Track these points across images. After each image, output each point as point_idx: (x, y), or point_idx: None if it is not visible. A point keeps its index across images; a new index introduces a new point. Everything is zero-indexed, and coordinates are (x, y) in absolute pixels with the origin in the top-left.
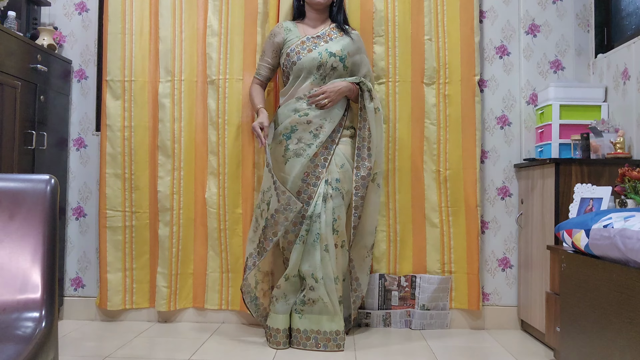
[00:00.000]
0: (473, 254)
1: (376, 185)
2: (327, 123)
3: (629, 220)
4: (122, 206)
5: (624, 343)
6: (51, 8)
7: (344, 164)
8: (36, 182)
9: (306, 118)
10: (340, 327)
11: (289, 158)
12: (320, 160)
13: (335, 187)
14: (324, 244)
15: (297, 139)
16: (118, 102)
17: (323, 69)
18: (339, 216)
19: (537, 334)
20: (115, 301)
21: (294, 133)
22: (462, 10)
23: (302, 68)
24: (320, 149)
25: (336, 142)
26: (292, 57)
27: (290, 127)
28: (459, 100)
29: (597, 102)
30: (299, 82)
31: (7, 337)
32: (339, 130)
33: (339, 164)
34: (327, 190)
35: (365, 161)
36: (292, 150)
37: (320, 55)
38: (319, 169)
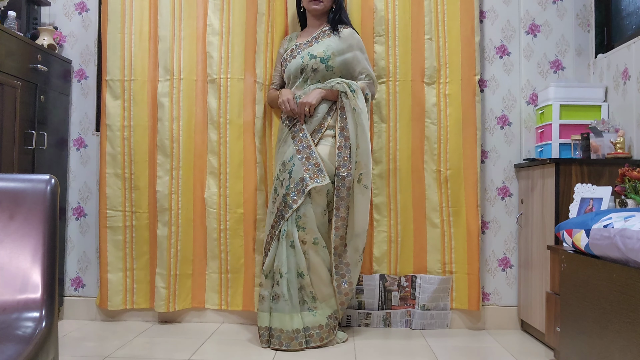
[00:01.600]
0: (473, 254)
1: (362, 186)
2: (315, 117)
3: (629, 220)
4: (122, 206)
5: (624, 343)
6: (51, 8)
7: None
8: (36, 182)
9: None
10: (300, 326)
11: (292, 157)
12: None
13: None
14: (290, 239)
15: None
16: (117, 102)
17: (305, 72)
18: (304, 214)
19: (537, 334)
20: (116, 301)
21: (292, 136)
22: (462, 10)
23: (289, 74)
24: (301, 148)
25: (316, 143)
26: (284, 65)
27: (288, 130)
28: (459, 100)
29: (597, 102)
30: (290, 86)
31: (7, 337)
32: (319, 131)
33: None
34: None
35: (346, 161)
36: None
37: (302, 59)
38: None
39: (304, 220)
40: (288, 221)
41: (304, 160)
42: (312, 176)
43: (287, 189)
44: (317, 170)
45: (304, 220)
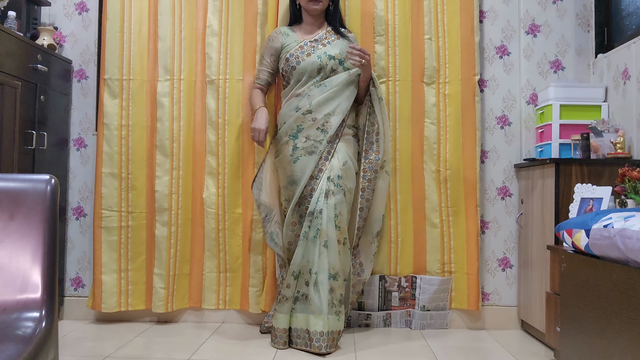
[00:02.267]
0: (473, 254)
1: (384, 172)
2: (333, 117)
3: (629, 220)
4: (118, 206)
5: (624, 343)
6: (51, 8)
7: (347, 161)
8: (36, 182)
9: (311, 116)
10: (324, 329)
11: (300, 156)
12: (324, 154)
13: (337, 183)
14: (323, 239)
15: (305, 137)
16: (116, 101)
17: (324, 72)
18: (340, 212)
19: (537, 334)
20: (110, 303)
21: (300, 132)
22: (462, 10)
23: (303, 72)
24: (328, 141)
25: (339, 137)
26: (291, 61)
27: (296, 126)
28: (459, 100)
29: (597, 102)
30: (300, 84)
31: (7, 337)
32: (343, 126)
33: (341, 160)
34: (329, 186)
35: (373, 145)
36: (302, 148)
37: (320, 58)
38: (322, 161)
39: (340, 219)
40: (323, 219)
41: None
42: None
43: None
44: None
45: (340, 219)
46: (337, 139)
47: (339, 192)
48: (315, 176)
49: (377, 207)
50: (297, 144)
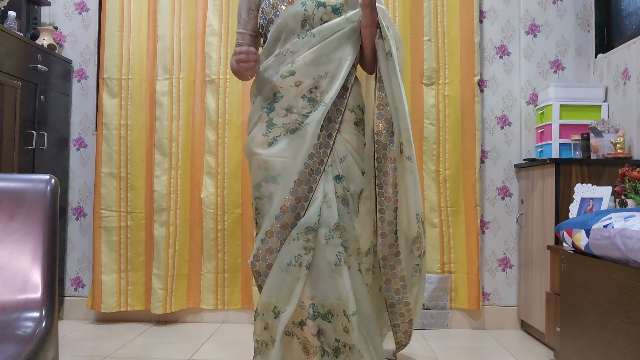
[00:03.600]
0: (473, 254)
1: (405, 159)
2: (326, 81)
3: (629, 220)
4: (117, 206)
5: (624, 343)
6: (51, 8)
7: (346, 156)
8: (36, 182)
9: (293, 79)
10: None
11: (277, 137)
12: (324, 137)
13: (345, 187)
14: (353, 264)
15: (285, 108)
16: (115, 100)
17: (309, 26)
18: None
19: (537, 334)
20: (110, 303)
21: (278, 102)
22: (462, 11)
23: (282, 26)
24: (324, 123)
25: (341, 113)
26: (267, 12)
27: (273, 94)
28: (458, 101)
29: (597, 102)
30: (280, 43)
31: (7, 337)
32: (344, 100)
33: (340, 155)
34: (339, 189)
35: (388, 124)
36: (282, 125)
37: (304, 6)
38: (323, 150)
39: (346, 237)
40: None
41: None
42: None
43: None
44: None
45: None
46: (339, 115)
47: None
48: (315, 170)
49: (408, 204)
50: (274, 119)
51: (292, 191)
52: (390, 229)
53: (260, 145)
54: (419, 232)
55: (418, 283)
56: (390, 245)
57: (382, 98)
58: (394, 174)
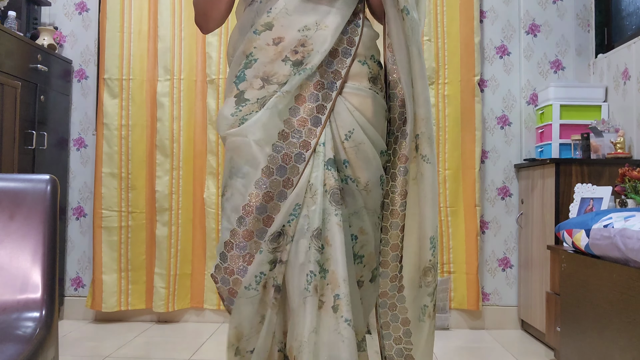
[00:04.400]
0: (472, 254)
1: (421, 158)
2: (317, 34)
3: (629, 220)
4: (118, 206)
5: (624, 343)
6: (51, 8)
7: (353, 130)
8: (36, 182)
9: (270, 34)
10: None
11: (248, 115)
12: (309, 111)
13: (344, 176)
14: (328, 296)
15: (262, 77)
16: (115, 101)
17: None
18: (361, 229)
19: (537, 334)
20: (110, 303)
21: (250, 68)
22: (462, 11)
23: None
24: (310, 87)
25: (342, 79)
26: None
27: (245, 58)
28: (458, 101)
29: (597, 102)
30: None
31: (7, 337)
32: (347, 58)
33: (343, 128)
34: (329, 179)
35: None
36: (255, 101)
37: None
38: (308, 128)
39: (364, 243)
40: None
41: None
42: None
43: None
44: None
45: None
46: (339, 77)
47: (350, 192)
48: (294, 156)
49: (421, 223)
50: (245, 92)
51: (258, 184)
52: (394, 255)
53: (229, 128)
54: (432, 262)
55: (427, 330)
56: (393, 277)
57: (394, 73)
58: (404, 178)
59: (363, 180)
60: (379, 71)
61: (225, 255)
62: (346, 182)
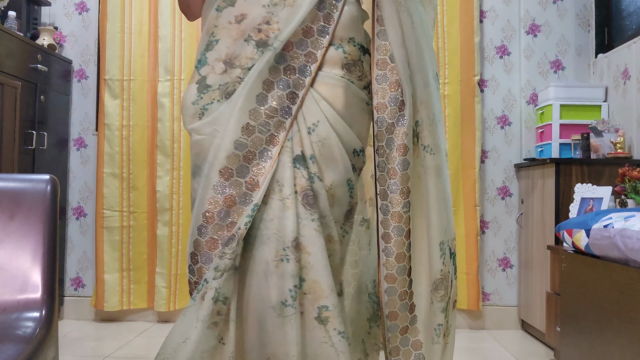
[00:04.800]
0: (472, 254)
1: (423, 149)
2: (284, 10)
3: (629, 220)
4: (119, 206)
5: (624, 343)
6: (51, 8)
7: (318, 122)
8: (36, 182)
9: (232, 11)
10: None
11: (209, 106)
12: (279, 98)
13: (311, 174)
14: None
15: (224, 60)
16: (116, 101)
17: None
18: (329, 237)
19: (538, 334)
20: (113, 302)
21: (210, 50)
22: (462, 11)
23: None
24: (280, 72)
25: (320, 52)
26: None
27: (207, 39)
28: (458, 100)
29: (597, 102)
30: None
31: (7, 337)
32: (324, 32)
33: (309, 120)
34: (299, 179)
35: (394, 92)
36: (217, 87)
37: None
38: (277, 119)
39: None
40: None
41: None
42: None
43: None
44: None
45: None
46: (314, 60)
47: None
48: (259, 152)
49: (429, 226)
50: (207, 77)
51: (217, 187)
52: (400, 267)
53: (191, 119)
54: (444, 272)
55: (443, 351)
56: (402, 294)
57: (384, 50)
58: (404, 173)
59: (327, 181)
60: (360, 57)
61: (193, 268)
62: (313, 181)
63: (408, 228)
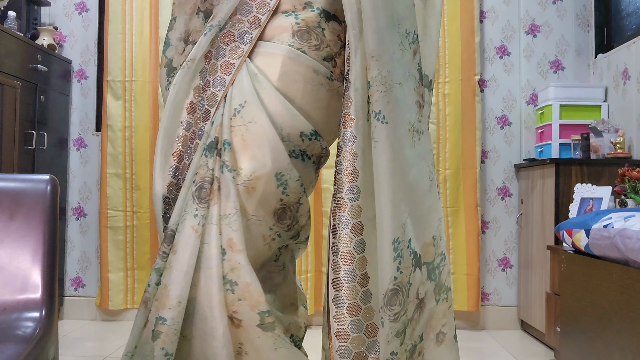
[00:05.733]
0: (473, 255)
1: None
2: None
3: (629, 220)
4: (123, 206)
5: (624, 343)
6: (51, 8)
7: (245, 102)
8: (36, 182)
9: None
10: None
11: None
12: (213, 69)
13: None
14: (160, 314)
15: (183, 38)
16: (119, 102)
17: None
18: (230, 242)
19: (537, 334)
20: (117, 301)
21: (172, 29)
22: (462, 11)
23: None
24: (218, 39)
25: (260, 23)
26: None
27: (170, 18)
28: (459, 100)
29: (597, 102)
30: None
31: (7, 337)
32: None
33: (234, 101)
34: (201, 168)
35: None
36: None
37: None
38: (211, 92)
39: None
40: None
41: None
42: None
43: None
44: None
45: (234, 261)
46: (249, 33)
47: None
48: (195, 132)
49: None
50: (173, 60)
51: (171, 170)
52: (347, 270)
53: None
54: (399, 281)
55: None
56: (352, 307)
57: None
58: (351, 149)
59: (245, 172)
60: (320, 23)
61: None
62: (222, 172)
63: (357, 221)
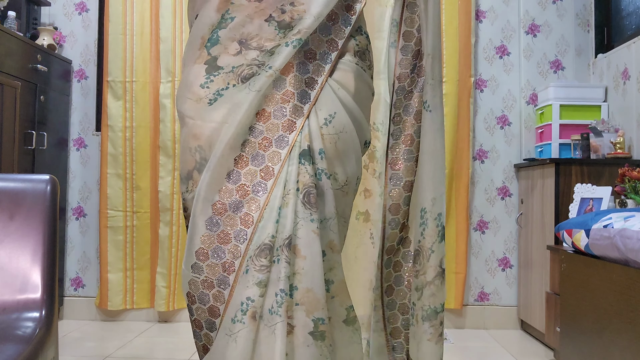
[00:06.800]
0: (462, 254)
1: (423, 107)
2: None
3: (629, 220)
4: (123, 206)
5: (624, 343)
6: (51, 8)
7: (335, 113)
8: (36, 182)
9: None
10: None
11: (223, 92)
12: (297, 83)
13: (318, 170)
14: (310, 317)
15: (239, 40)
16: (119, 103)
17: None
18: (331, 244)
19: (537, 334)
20: (116, 301)
21: (224, 28)
22: (460, 11)
23: None
24: (300, 54)
25: (338, 47)
26: None
27: (220, 17)
28: (455, 100)
29: (597, 102)
30: None
31: (7, 337)
32: (347, 21)
33: (323, 113)
34: (302, 175)
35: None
36: (230, 70)
37: None
38: (294, 104)
39: (333, 263)
40: (307, 265)
41: None
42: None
43: None
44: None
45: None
46: (328, 54)
47: (329, 192)
48: (268, 138)
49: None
50: (219, 58)
51: (231, 176)
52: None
53: (195, 103)
54: (422, 244)
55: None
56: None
57: (411, 21)
58: (418, 140)
59: (341, 177)
60: (367, 46)
61: (200, 265)
62: (319, 179)
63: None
